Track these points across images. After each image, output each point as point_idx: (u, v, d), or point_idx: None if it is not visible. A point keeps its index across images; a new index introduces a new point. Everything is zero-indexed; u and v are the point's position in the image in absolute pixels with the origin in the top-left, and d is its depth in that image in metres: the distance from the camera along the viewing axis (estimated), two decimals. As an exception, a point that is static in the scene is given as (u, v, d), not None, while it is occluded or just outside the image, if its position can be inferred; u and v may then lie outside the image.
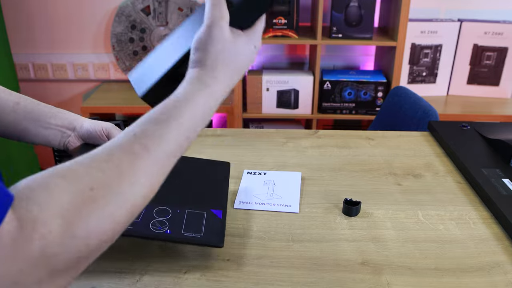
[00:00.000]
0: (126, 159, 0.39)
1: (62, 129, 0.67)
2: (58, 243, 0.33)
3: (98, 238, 0.36)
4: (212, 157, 0.98)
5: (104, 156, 0.39)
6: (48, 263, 0.33)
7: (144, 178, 0.40)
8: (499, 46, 1.89)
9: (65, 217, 0.34)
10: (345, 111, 1.90)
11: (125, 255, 0.67)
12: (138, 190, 0.39)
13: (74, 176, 0.36)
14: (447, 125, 1.09)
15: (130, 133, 0.41)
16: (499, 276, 0.63)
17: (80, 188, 0.35)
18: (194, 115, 0.45)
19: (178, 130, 0.44)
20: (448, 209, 0.79)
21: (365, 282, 0.62)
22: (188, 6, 1.99)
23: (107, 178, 0.37)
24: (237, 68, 0.50)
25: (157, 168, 0.41)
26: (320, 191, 0.85)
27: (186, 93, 0.46)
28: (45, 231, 0.32)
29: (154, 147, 0.41)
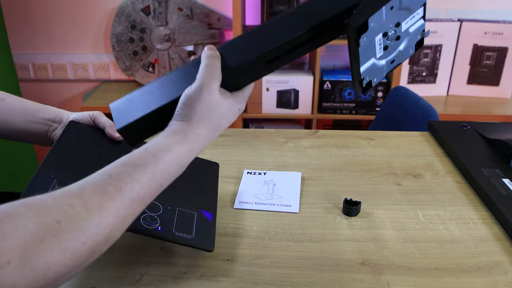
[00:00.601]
0: (96, 198, 0.40)
1: (48, 123, 0.67)
2: (17, 274, 0.33)
3: (57, 271, 0.36)
4: (212, 157, 0.98)
5: (75, 192, 0.40)
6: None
7: (111, 218, 0.40)
8: (499, 46, 1.89)
9: (27, 249, 0.34)
10: (345, 111, 1.90)
11: (125, 255, 0.67)
12: (103, 229, 0.40)
13: (43, 208, 0.37)
14: (447, 125, 1.09)
15: (106, 173, 0.42)
16: (499, 276, 0.63)
17: (47, 220, 0.36)
18: (171, 165, 0.47)
19: (153, 177, 0.45)
20: (448, 209, 0.79)
21: (365, 282, 0.62)
22: (188, 6, 1.99)
23: (75, 213, 0.38)
24: (219, 127, 0.52)
25: (126, 211, 0.42)
26: (320, 191, 0.85)
27: (167, 144, 0.48)
28: (3, 261, 0.33)
29: (127, 189, 0.42)
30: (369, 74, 0.53)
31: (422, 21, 0.54)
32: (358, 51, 0.49)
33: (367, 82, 0.53)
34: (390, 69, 0.55)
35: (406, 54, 0.55)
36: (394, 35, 0.52)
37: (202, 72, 0.50)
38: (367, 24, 0.48)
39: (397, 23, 0.51)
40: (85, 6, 2.04)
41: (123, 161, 0.45)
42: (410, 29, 0.53)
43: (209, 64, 0.50)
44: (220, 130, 0.53)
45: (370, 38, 0.50)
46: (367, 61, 0.51)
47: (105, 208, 0.40)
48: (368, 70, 0.52)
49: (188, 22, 2.02)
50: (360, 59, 0.50)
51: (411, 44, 0.55)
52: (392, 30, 0.51)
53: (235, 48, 0.54)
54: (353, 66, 0.52)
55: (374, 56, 0.52)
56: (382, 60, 0.53)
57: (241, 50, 0.53)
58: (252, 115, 1.93)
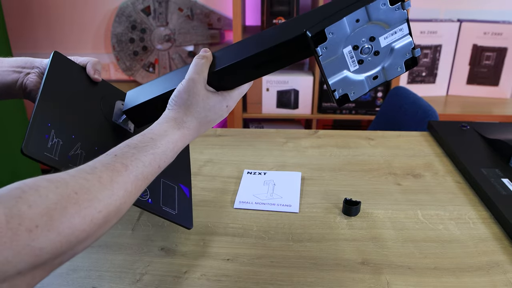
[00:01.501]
0: (107, 173, 0.45)
1: (18, 69, 0.64)
2: (44, 237, 0.37)
3: (78, 236, 0.40)
4: (213, 157, 0.98)
5: (88, 169, 0.44)
6: (33, 255, 0.36)
7: (121, 191, 0.45)
8: (498, 46, 1.89)
9: (52, 215, 0.38)
10: (345, 111, 1.91)
11: (125, 255, 0.67)
12: (114, 200, 0.44)
13: (62, 181, 0.41)
14: (446, 125, 1.09)
15: (112, 153, 0.48)
16: (499, 276, 0.63)
17: (66, 191, 0.40)
18: (167, 148, 0.52)
19: (153, 158, 0.50)
20: (447, 209, 0.79)
21: (365, 281, 0.62)
22: (188, 7, 1.99)
23: (90, 186, 0.43)
24: (207, 118, 0.58)
25: (132, 186, 0.47)
26: (320, 191, 0.85)
27: (163, 129, 0.54)
28: (32, 226, 0.36)
29: (132, 167, 0.47)
30: (343, 86, 0.53)
31: (409, 39, 0.52)
32: (319, 60, 0.50)
33: (342, 95, 0.53)
34: (374, 85, 0.54)
35: (393, 72, 0.54)
36: (369, 49, 0.51)
37: (190, 69, 0.58)
38: (324, 33, 0.49)
39: (372, 37, 0.50)
40: (85, 6, 2.05)
41: (126, 143, 0.50)
42: (394, 45, 0.52)
43: (197, 62, 0.58)
44: (209, 123, 0.59)
45: (333, 49, 0.50)
46: (337, 72, 0.52)
47: (115, 181, 0.45)
48: (340, 82, 0.52)
49: (188, 22, 2.02)
50: (326, 69, 0.51)
51: (398, 62, 0.53)
52: (366, 44, 0.51)
53: (225, 53, 0.59)
54: (322, 75, 0.53)
55: (347, 69, 0.52)
56: (359, 75, 0.53)
57: (227, 56, 0.58)
58: (252, 115, 1.93)
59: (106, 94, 0.68)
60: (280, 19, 1.81)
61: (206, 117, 0.57)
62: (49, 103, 0.56)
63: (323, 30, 0.49)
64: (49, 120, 0.54)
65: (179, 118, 0.55)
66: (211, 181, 0.88)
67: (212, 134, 1.10)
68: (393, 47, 0.52)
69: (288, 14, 1.80)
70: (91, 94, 0.65)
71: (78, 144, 0.56)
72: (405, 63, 0.53)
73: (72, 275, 0.63)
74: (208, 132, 1.11)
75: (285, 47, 0.54)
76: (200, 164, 0.95)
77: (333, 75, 0.52)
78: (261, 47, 0.55)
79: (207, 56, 0.59)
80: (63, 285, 0.61)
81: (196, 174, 0.91)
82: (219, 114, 0.59)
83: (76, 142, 0.56)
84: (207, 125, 0.59)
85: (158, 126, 0.54)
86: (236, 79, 0.59)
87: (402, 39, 0.51)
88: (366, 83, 0.54)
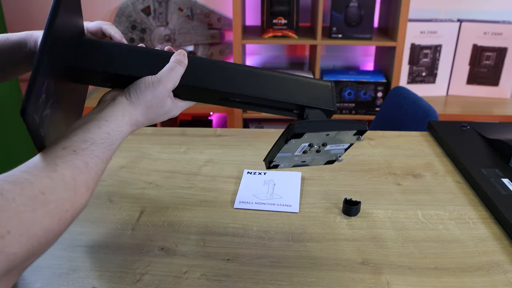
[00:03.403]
0: (69, 171, 0.44)
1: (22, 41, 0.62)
2: (17, 242, 0.36)
3: (48, 236, 0.40)
4: (213, 157, 0.98)
5: (50, 166, 0.43)
6: (6, 261, 0.35)
7: (83, 189, 0.45)
8: (498, 46, 1.89)
9: (22, 218, 0.37)
10: (345, 111, 1.91)
11: (125, 255, 0.67)
12: (79, 198, 0.45)
13: (25, 182, 0.40)
14: (446, 125, 1.09)
15: (70, 149, 0.46)
16: (499, 276, 0.63)
17: (33, 192, 0.40)
18: (118, 144, 0.53)
19: (109, 154, 0.51)
20: (447, 209, 0.79)
21: (365, 281, 0.62)
22: (188, 7, 1.99)
23: (55, 185, 0.42)
24: (154, 121, 0.58)
25: (92, 182, 0.47)
26: (320, 191, 0.85)
27: (119, 125, 0.53)
28: (3, 232, 0.35)
29: (92, 164, 0.47)
30: (281, 160, 0.63)
31: (343, 151, 0.64)
32: (284, 145, 0.58)
33: (274, 164, 0.64)
34: (297, 165, 0.66)
35: (316, 163, 0.66)
36: (317, 148, 0.62)
37: (166, 72, 0.56)
38: (303, 135, 0.57)
39: (324, 143, 0.61)
40: (85, 6, 2.04)
41: (83, 138, 0.48)
42: (331, 150, 0.63)
43: (174, 67, 0.57)
44: (152, 123, 0.59)
45: (298, 143, 0.59)
46: (285, 153, 0.61)
47: (77, 180, 0.45)
48: (281, 158, 0.62)
49: (188, 22, 2.02)
50: (282, 150, 0.60)
51: (324, 159, 0.66)
52: (318, 145, 0.61)
53: (200, 68, 0.59)
54: (273, 150, 0.61)
55: (292, 153, 0.61)
56: (296, 158, 0.63)
57: (201, 74, 0.59)
58: (252, 115, 1.93)
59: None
60: (280, 19, 1.81)
61: (155, 119, 0.58)
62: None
63: (304, 133, 0.57)
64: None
65: (134, 116, 0.55)
66: (211, 181, 0.88)
67: (212, 134, 1.10)
68: (329, 151, 0.64)
69: (288, 14, 1.80)
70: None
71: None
72: (328, 161, 0.67)
73: (72, 275, 0.63)
74: (208, 132, 1.11)
75: (274, 107, 0.63)
76: (200, 164, 0.95)
77: (282, 153, 0.61)
78: (239, 90, 0.60)
79: (185, 64, 0.58)
80: (63, 285, 0.61)
81: (196, 174, 0.91)
82: (164, 118, 0.60)
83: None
84: (149, 120, 0.59)
85: (115, 121, 0.52)
86: (196, 97, 0.62)
87: (339, 149, 0.64)
88: (295, 162, 0.65)
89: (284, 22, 1.81)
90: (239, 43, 1.77)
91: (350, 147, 0.64)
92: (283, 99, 0.62)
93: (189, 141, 1.06)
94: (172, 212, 0.78)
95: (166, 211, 0.78)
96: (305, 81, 0.64)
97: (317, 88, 0.64)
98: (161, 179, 0.89)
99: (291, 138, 0.57)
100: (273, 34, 1.83)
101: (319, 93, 0.64)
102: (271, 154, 0.63)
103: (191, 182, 0.88)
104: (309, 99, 0.63)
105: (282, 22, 1.81)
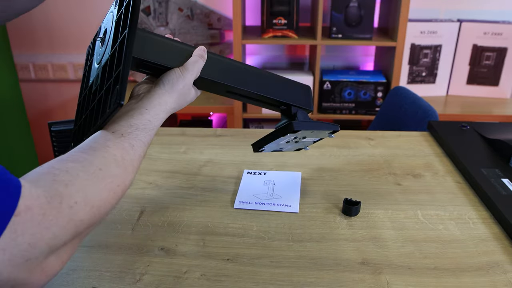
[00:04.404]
0: (118, 151, 0.50)
1: None
2: (82, 211, 0.42)
3: (106, 207, 0.46)
4: (213, 157, 0.98)
5: (102, 148, 0.49)
6: (75, 227, 0.41)
7: (130, 167, 0.51)
8: (498, 46, 1.89)
9: (87, 191, 0.43)
10: (345, 111, 1.91)
11: (125, 255, 0.67)
12: (127, 175, 0.50)
13: (85, 160, 0.46)
14: (446, 125, 1.09)
15: (118, 133, 0.53)
16: (499, 276, 0.63)
17: (93, 169, 0.46)
18: (156, 129, 0.58)
19: (149, 138, 0.56)
20: (447, 209, 0.79)
21: (364, 282, 0.62)
22: (188, 7, 1.99)
23: (109, 163, 0.48)
24: (182, 106, 0.65)
25: (137, 162, 0.53)
26: (320, 191, 0.85)
27: (156, 113, 0.58)
28: (71, 202, 0.41)
29: (137, 147, 0.53)
30: (267, 147, 0.77)
31: (311, 143, 0.80)
32: (280, 137, 0.72)
33: (262, 149, 0.77)
34: (276, 150, 0.81)
35: (289, 149, 0.82)
36: (297, 140, 0.76)
37: (191, 64, 0.63)
38: (299, 131, 0.71)
39: (305, 137, 0.75)
40: (85, 6, 2.05)
41: (129, 123, 0.54)
42: (305, 142, 0.78)
43: (197, 61, 0.64)
44: (180, 109, 0.65)
45: (290, 136, 0.73)
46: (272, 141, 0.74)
47: (126, 159, 0.50)
48: (268, 145, 0.76)
49: (188, 22, 2.02)
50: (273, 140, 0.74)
51: (296, 147, 0.81)
52: (299, 138, 0.75)
53: (215, 64, 0.67)
54: (266, 139, 0.75)
55: (278, 142, 0.75)
56: (278, 145, 0.77)
57: (215, 69, 0.67)
58: (252, 115, 1.93)
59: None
60: (280, 19, 1.81)
61: (182, 105, 0.65)
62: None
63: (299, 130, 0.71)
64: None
65: (169, 103, 0.60)
66: (211, 181, 0.88)
67: (212, 134, 1.10)
68: (304, 142, 0.78)
69: (288, 14, 1.80)
70: None
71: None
72: (298, 149, 0.82)
73: (72, 275, 0.63)
74: (208, 132, 1.11)
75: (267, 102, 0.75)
76: (200, 164, 0.95)
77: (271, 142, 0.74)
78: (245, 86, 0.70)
79: (205, 58, 0.65)
80: (63, 285, 0.61)
81: (196, 174, 0.91)
82: (187, 103, 0.66)
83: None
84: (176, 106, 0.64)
85: (153, 109, 0.58)
86: (208, 88, 0.70)
87: (311, 141, 0.79)
88: (276, 149, 0.79)
89: (284, 22, 1.81)
90: (239, 43, 1.77)
91: (319, 140, 0.80)
92: (277, 98, 0.73)
93: (189, 141, 1.06)
94: (172, 212, 0.78)
95: (166, 211, 0.78)
96: (292, 83, 0.77)
97: (300, 90, 0.77)
98: (161, 179, 0.89)
99: (289, 132, 0.70)
100: (273, 34, 1.83)
101: (302, 94, 0.77)
102: (263, 142, 0.76)
103: (191, 182, 0.88)
104: (295, 99, 0.75)
105: (282, 22, 1.81)
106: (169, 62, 0.63)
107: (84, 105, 0.63)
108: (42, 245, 0.38)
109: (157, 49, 0.63)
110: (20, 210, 0.37)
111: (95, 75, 0.62)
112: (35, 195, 0.39)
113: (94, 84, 0.61)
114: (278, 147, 0.79)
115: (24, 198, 0.37)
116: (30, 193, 0.38)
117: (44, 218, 0.38)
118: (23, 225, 0.37)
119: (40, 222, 0.38)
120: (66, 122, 0.88)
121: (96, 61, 0.63)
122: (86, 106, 0.62)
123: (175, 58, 0.63)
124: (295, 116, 0.73)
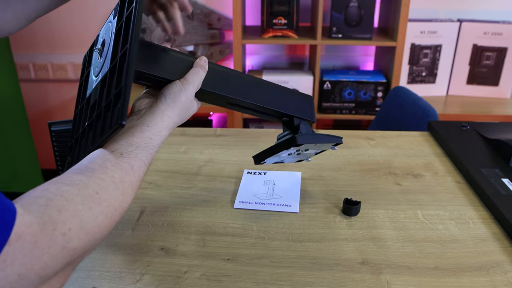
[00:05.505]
0: (117, 173, 0.48)
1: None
2: (77, 238, 0.40)
3: (102, 233, 0.44)
4: (213, 157, 0.98)
5: (100, 169, 0.48)
6: (68, 256, 0.39)
7: (129, 189, 0.49)
8: (498, 46, 1.89)
9: (81, 217, 0.41)
10: (345, 111, 1.91)
11: (125, 255, 0.67)
12: (126, 198, 0.48)
13: (81, 183, 0.44)
14: (446, 125, 1.09)
15: (117, 152, 0.51)
16: (499, 276, 0.63)
17: (88, 192, 0.43)
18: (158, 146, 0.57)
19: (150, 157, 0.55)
20: (447, 209, 0.79)
21: (364, 281, 0.62)
22: (188, 6, 1.99)
23: (106, 185, 0.46)
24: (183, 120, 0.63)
25: (137, 183, 0.51)
26: (320, 191, 0.85)
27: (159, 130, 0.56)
28: (65, 229, 0.39)
29: (136, 167, 0.51)
30: (269, 159, 0.75)
31: (314, 154, 0.79)
32: (281, 151, 0.71)
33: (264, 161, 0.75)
34: (277, 162, 0.79)
35: (290, 161, 0.80)
36: (299, 152, 0.74)
37: (192, 75, 0.62)
38: (302, 144, 0.69)
39: (307, 149, 0.73)
40: (85, 6, 2.05)
41: (129, 142, 0.53)
42: (307, 154, 0.77)
43: (198, 72, 0.62)
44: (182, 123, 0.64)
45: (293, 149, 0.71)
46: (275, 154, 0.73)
47: (125, 181, 0.49)
48: (270, 158, 0.74)
49: (188, 22, 2.02)
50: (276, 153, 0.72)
51: (298, 159, 0.79)
52: (302, 150, 0.73)
53: (216, 75, 0.66)
54: (269, 152, 0.72)
55: (280, 154, 0.73)
56: (280, 157, 0.75)
57: (216, 80, 0.66)
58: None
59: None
60: (280, 19, 1.81)
61: (185, 118, 0.63)
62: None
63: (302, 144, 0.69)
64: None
65: (172, 118, 0.59)
66: (211, 181, 0.88)
67: (212, 134, 1.10)
68: (306, 153, 0.77)
69: (288, 14, 1.80)
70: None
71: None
72: (299, 160, 0.81)
73: (72, 275, 0.63)
74: (208, 132, 1.11)
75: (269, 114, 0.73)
76: (200, 164, 0.95)
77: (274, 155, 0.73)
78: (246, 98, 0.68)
79: (206, 69, 0.64)
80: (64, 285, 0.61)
81: (196, 174, 0.91)
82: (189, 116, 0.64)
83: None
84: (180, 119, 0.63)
85: (155, 126, 0.56)
86: (210, 100, 0.68)
87: (313, 153, 0.78)
88: (277, 161, 0.77)
89: (284, 22, 1.81)
90: (239, 43, 1.77)
91: (321, 152, 0.79)
92: (280, 109, 0.72)
93: (189, 141, 1.06)
94: (172, 212, 0.78)
95: (166, 211, 0.78)
96: (294, 93, 0.76)
97: (302, 101, 0.76)
98: (161, 179, 0.89)
99: (293, 146, 0.69)
100: (273, 34, 1.83)
101: (304, 105, 0.76)
102: (265, 155, 0.73)
103: (191, 182, 0.88)
104: (298, 110, 0.74)
105: (282, 22, 1.81)
106: (170, 75, 0.61)
107: (82, 118, 0.61)
108: (32, 275, 0.36)
109: (157, 61, 0.61)
110: (11, 239, 0.35)
111: (93, 88, 0.60)
112: (28, 222, 0.36)
113: (92, 97, 0.59)
114: (280, 159, 0.77)
115: (16, 225, 0.35)
116: (22, 220, 0.36)
117: (36, 246, 0.36)
118: (13, 255, 0.35)
119: (31, 251, 0.36)
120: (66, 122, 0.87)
121: (94, 73, 0.61)
122: (84, 119, 0.60)
123: (176, 70, 0.62)
124: (298, 128, 0.72)
